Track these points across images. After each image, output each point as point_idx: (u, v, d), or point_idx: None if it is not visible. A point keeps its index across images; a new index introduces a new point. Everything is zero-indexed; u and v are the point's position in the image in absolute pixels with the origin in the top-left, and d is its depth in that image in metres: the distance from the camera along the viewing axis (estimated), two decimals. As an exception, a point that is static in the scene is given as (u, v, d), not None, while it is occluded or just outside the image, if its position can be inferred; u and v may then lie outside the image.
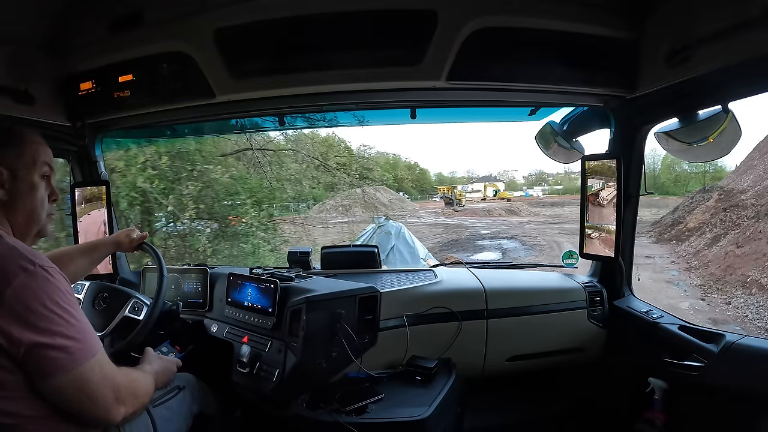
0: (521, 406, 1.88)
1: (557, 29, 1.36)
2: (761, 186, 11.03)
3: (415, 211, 26.43)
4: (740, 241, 8.78)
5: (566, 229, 16.03)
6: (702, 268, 8.70)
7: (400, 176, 42.06)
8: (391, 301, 1.63)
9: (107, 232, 1.83)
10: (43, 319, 0.74)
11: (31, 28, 1.41)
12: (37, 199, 0.91)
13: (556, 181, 49.13)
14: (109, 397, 0.81)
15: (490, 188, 36.08)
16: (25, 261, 0.76)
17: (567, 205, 32.99)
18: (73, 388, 0.77)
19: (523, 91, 1.52)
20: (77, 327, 0.78)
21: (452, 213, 24.56)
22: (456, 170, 61.25)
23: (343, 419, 1.29)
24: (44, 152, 0.93)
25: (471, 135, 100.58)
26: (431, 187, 38.05)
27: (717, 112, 1.28)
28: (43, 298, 0.75)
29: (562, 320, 1.79)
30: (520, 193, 42.49)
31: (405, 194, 36.34)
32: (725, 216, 10.27)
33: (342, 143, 11.08)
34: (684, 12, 1.23)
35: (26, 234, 0.91)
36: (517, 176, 52.18)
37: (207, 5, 1.36)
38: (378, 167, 15.31)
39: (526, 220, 20.54)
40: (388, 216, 2.87)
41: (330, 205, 12.64)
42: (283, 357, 1.38)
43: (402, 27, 1.35)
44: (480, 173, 50.24)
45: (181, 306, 1.46)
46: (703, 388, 1.38)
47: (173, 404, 1.17)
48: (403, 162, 44.61)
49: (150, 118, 1.71)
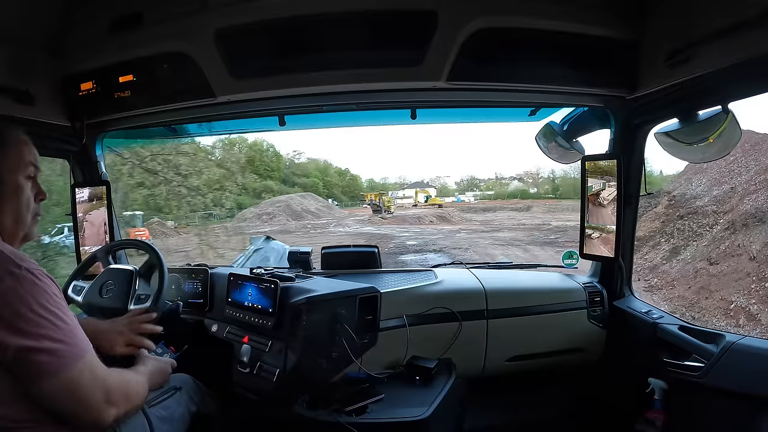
0: (521, 407, 1.88)
1: (557, 29, 1.36)
2: (720, 191, 9.78)
3: (342, 219, 25.42)
4: (714, 257, 7.38)
5: (500, 238, 15.22)
6: (666, 288, 7.45)
7: (331, 182, 41.27)
8: (392, 301, 1.63)
9: (107, 232, 1.83)
10: (29, 322, 0.74)
11: (31, 28, 1.41)
12: (22, 201, 0.89)
13: (488, 187, 49.41)
14: (99, 399, 0.80)
15: (421, 194, 35.90)
16: (11, 264, 0.76)
17: (498, 210, 32.54)
18: (62, 391, 0.76)
19: (524, 91, 1.52)
20: (65, 330, 0.77)
21: (380, 221, 23.46)
22: (388, 176, 60.41)
23: (343, 419, 1.29)
24: (29, 152, 0.91)
25: (404, 140, 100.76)
26: (361, 193, 37.50)
27: (717, 113, 1.28)
28: (29, 301, 0.74)
29: (562, 321, 1.79)
30: (452, 199, 42.54)
31: (334, 201, 35.63)
32: (683, 224, 9.13)
33: (271, 148, 10.96)
34: (684, 12, 1.23)
35: (13, 237, 0.89)
36: (449, 182, 52.30)
37: (207, 5, 1.37)
38: (308, 173, 15.09)
39: (457, 228, 19.59)
40: (268, 236, 2.75)
41: (253, 214, 12.43)
42: (284, 357, 1.38)
43: (402, 27, 1.35)
44: (412, 179, 50.11)
45: (181, 306, 1.46)
46: (703, 388, 1.38)
47: (170, 404, 1.17)
48: (333, 168, 43.82)
49: (150, 118, 1.71)
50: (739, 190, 9.07)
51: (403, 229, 19.18)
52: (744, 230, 7.44)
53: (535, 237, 16.27)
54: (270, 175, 30.77)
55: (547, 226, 20.53)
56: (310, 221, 23.43)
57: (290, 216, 23.50)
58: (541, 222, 22.67)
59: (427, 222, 23.12)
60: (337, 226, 21.00)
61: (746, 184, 9.17)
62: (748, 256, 6.77)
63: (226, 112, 1.68)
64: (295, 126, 1.86)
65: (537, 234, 17.39)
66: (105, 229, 1.84)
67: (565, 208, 34.38)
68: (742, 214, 7.89)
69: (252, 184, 9.02)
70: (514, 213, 32.04)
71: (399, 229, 19.35)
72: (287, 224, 21.30)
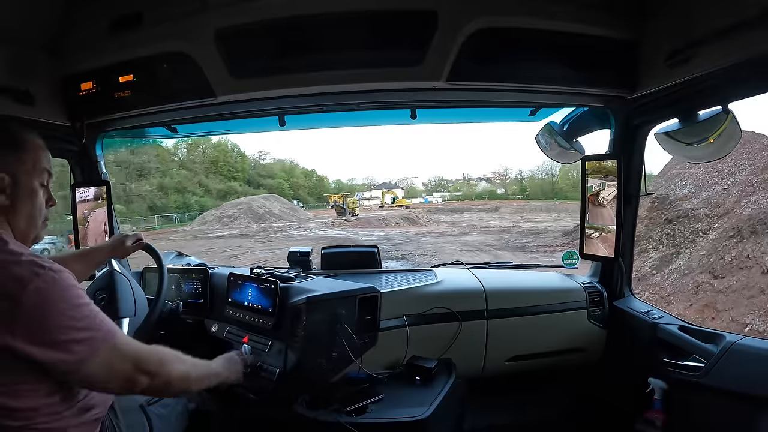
0: (521, 407, 1.88)
1: (557, 30, 1.36)
2: (710, 192, 8.76)
3: (306, 221, 24.63)
4: (718, 269, 6.27)
5: (468, 243, 14.40)
6: (662, 304, 6.27)
7: (297, 183, 41.15)
8: (392, 301, 1.63)
9: (108, 231, 1.83)
10: (62, 318, 0.76)
11: (31, 28, 1.41)
12: (36, 205, 0.91)
13: (455, 187, 49.59)
14: (128, 369, 0.84)
15: (388, 195, 35.70)
16: (35, 266, 0.77)
17: (466, 212, 31.94)
18: (99, 372, 0.80)
19: (524, 91, 1.52)
20: (92, 318, 0.81)
21: (343, 223, 22.79)
22: (355, 177, 60.63)
23: (343, 419, 1.29)
24: (45, 157, 0.93)
25: (373, 141, 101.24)
26: (324, 194, 37.31)
27: (717, 113, 1.28)
28: (57, 299, 0.77)
29: (562, 321, 1.79)
30: (420, 200, 42.70)
31: (300, 202, 35.29)
32: (672, 229, 8.19)
33: (236, 149, 10.94)
34: (684, 12, 1.23)
35: (26, 238, 0.91)
36: (417, 183, 52.49)
37: (207, 5, 1.36)
38: (273, 174, 14.72)
39: (422, 232, 18.94)
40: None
41: (214, 216, 12.18)
42: (284, 357, 1.38)
43: (402, 27, 1.35)
44: (379, 180, 50.14)
45: (181, 306, 1.46)
46: (703, 388, 1.38)
47: (169, 402, 1.17)
48: (300, 169, 43.84)
49: (150, 118, 1.71)
50: (734, 192, 8.46)
51: (366, 233, 18.51)
52: (753, 238, 6.40)
53: (506, 241, 15.58)
54: (234, 176, 29.75)
55: (517, 228, 19.78)
56: (272, 224, 22.61)
57: (252, 218, 22.68)
58: (510, 224, 21.89)
59: (393, 224, 22.44)
60: (299, 230, 20.36)
61: (742, 185, 8.55)
62: (760, 269, 5.76)
63: (226, 112, 1.68)
64: (295, 126, 1.86)
65: (507, 237, 16.68)
66: (105, 229, 1.84)
67: (533, 209, 34.05)
68: (747, 219, 7.02)
69: (216, 186, 8.96)
70: (482, 214, 31.44)
71: (362, 233, 18.69)
72: (248, 227, 20.16)
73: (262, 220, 23.70)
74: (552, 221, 13.00)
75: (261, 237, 18.20)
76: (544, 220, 22.68)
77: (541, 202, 38.54)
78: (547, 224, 19.70)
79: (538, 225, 20.05)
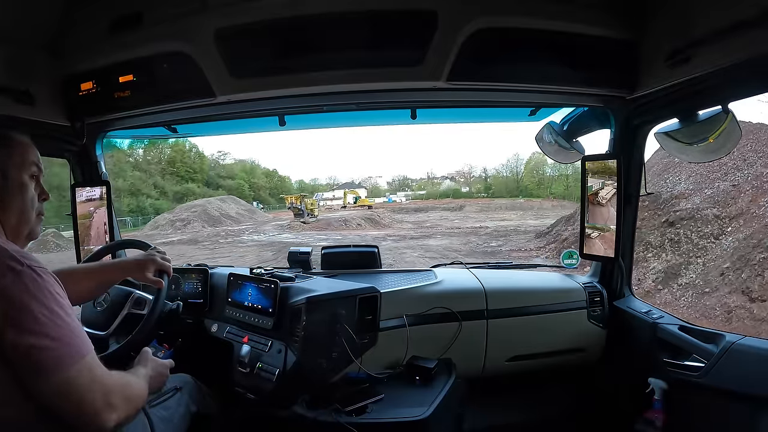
0: (521, 407, 1.88)
1: (557, 29, 1.36)
2: (715, 190, 7.44)
3: (262, 224, 23.18)
4: (756, 289, 4.88)
5: (432, 248, 13.12)
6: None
7: (257, 184, 39.92)
8: (392, 301, 1.63)
9: (108, 231, 1.83)
10: (28, 319, 0.73)
11: (31, 28, 1.41)
12: (27, 199, 0.91)
13: (419, 186, 49.42)
14: (98, 401, 0.77)
15: (350, 195, 35.02)
16: (13, 261, 0.76)
17: (430, 211, 30.87)
18: (60, 391, 0.74)
19: (524, 91, 1.52)
20: (64, 329, 0.76)
21: (300, 226, 21.54)
22: (318, 177, 59.30)
23: (343, 419, 1.30)
24: (32, 152, 0.93)
25: (336, 141, 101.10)
26: (281, 195, 35.63)
27: (717, 113, 1.28)
28: (29, 298, 0.74)
29: (562, 320, 1.79)
30: (383, 199, 42.15)
31: (260, 204, 34.07)
32: (676, 234, 6.88)
33: (194, 149, 10.67)
34: (684, 12, 1.23)
35: (18, 235, 0.90)
36: (381, 182, 52.12)
37: (207, 5, 1.36)
38: (233, 174, 13.88)
39: (383, 235, 17.58)
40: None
41: (166, 220, 11.67)
42: (284, 357, 1.38)
43: (402, 27, 1.35)
44: (343, 180, 49.33)
45: (181, 306, 1.46)
46: (703, 388, 1.38)
47: (171, 404, 1.17)
48: (261, 169, 42.68)
49: (150, 118, 1.71)
50: (747, 189, 7.24)
51: (322, 237, 17.12)
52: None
53: (474, 245, 14.11)
54: (192, 178, 28.54)
55: (485, 230, 18.44)
56: (228, 227, 21.33)
57: (207, 222, 21.39)
58: (477, 224, 20.46)
59: (354, 226, 21.34)
60: (253, 234, 19.00)
61: (754, 180, 7.34)
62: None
63: (226, 112, 1.68)
64: (295, 126, 1.86)
65: (474, 240, 15.38)
66: (105, 229, 1.84)
67: (498, 207, 33.39)
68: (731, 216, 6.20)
69: (172, 188, 8.70)
70: (447, 213, 30.45)
71: (318, 237, 17.22)
72: (201, 231, 18.84)
73: (218, 224, 21.94)
74: (518, 219, 12.38)
75: (210, 243, 16.92)
76: (510, 218, 21.09)
77: (506, 200, 37.80)
78: (515, 223, 18.74)
79: (506, 224, 19.04)
